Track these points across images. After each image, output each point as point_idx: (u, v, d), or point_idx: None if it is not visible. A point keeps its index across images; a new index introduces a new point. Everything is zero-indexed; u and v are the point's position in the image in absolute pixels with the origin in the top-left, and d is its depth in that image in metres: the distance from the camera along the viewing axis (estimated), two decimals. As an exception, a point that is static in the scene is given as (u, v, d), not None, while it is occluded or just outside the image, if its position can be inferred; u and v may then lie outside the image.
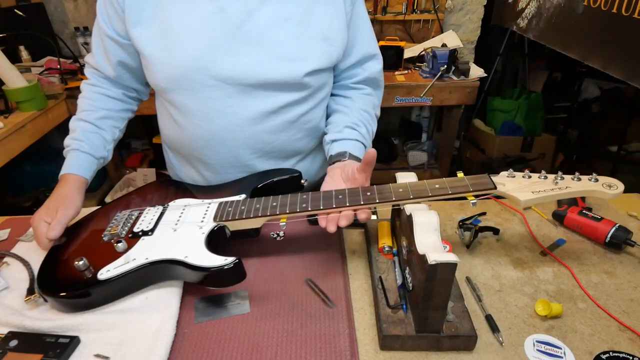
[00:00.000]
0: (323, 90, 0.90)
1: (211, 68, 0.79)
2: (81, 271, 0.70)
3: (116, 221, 0.82)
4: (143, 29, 0.80)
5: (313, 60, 0.82)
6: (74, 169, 0.87)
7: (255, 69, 0.79)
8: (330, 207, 0.71)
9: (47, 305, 0.72)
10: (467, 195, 0.69)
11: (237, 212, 0.76)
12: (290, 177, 0.88)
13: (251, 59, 0.79)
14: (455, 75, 2.08)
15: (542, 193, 0.67)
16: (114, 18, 0.83)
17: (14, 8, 2.19)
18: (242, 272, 0.68)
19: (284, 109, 0.85)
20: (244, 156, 0.89)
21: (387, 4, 2.49)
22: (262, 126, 0.85)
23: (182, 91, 0.82)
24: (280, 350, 0.64)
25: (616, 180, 0.69)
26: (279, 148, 0.91)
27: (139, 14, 0.79)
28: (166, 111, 0.91)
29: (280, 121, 0.86)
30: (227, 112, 0.83)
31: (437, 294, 0.59)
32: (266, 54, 0.79)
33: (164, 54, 0.80)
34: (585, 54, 1.71)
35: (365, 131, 0.93)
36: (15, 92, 1.70)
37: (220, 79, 0.80)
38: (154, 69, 0.82)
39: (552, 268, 0.80)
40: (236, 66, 0.79)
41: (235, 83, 0.80)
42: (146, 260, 0.70)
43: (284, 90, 0.83)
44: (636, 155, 2.81)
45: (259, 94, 0.82)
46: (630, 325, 0.67)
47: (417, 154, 2.65)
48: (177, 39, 0.79)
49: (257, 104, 0.83)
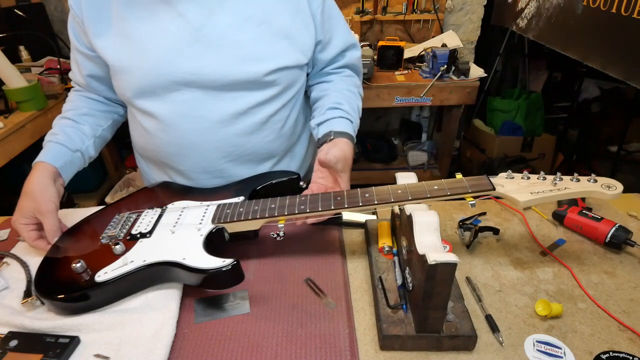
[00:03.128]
0: (292, 88, 0.90)
1: (175, 73, 0.79)
2: (78, 273, 0.70)
3: (114, 223, 0.81)
4: (104, 40, 0.80)
5: (276, 59, 0.82)
6: (43, 157, 0.85)
7: (219, 71, 0.80)
8: (329, 208, 0.71)
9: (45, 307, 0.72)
10: (466, 196, 0.69)
11: (236, 214, 0.76)
12: (289, 179, 0.88)
13: (214, 61, 0.79)
14: (455, 75, 2.08)
15: (541, 194, 0.67)
16: (79, 32, 0.85)
17: (14, 8, 2.19)
18: (240, 274, 0.67)
19: (252, 110, 0.85)
20: (216, 161, 0.89)
21: (387, 4, 2.49)
22: (232, 128, 0.85)
23: (148, 98, 0.83)
24: (280, 350, 0.64)
25: (615, 181, 0.69)
26: (251, 151, 0.90)
27: (97, 26, 0.80)
28: (135, 119, 0.91)
29: (249, 123, 0.86)
30: (194, 115, 0.83)
31: (437, 294, 0.59)
32: (228, 55, 0.80)
33: (126, 63, 0.80)
34: (585, 54, 1.71)
35: (349, 107, 0.91)
36: (15, 92, 1.70)
37: (185, 83, 0.80)
38: (119, 78, 0.83)
39: (552, 268, 0.80)
40: (200, 69, 0.79)
41: (200, 86, 0.80)
42: (144, 263, 0.70)
43: (250, 90, 0.83)
44: (636, 155, 2.81)
45: (225, 96, 0.82)
46: (630, 325, 0.67)
47: (417, 154, 2.65)
48: (139, 47, 0.79)
49: (224, 106, 0.83)
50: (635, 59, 1.42)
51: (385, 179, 2.53)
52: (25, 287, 0.75)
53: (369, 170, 2.63)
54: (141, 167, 1.06)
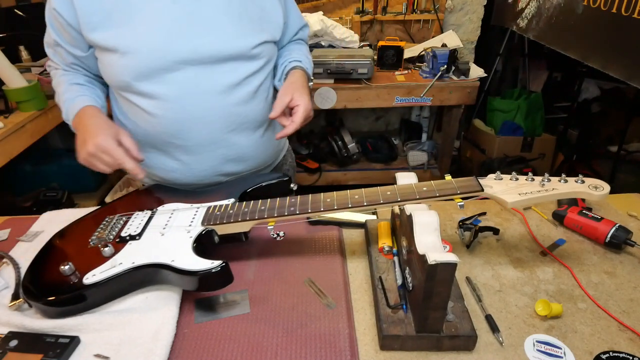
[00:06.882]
0: (272, 61, 1.02)
1: (176, 53, 0.86)
2: (67, 276, 0.70)
3: (104, 226, 0.81)
4: (103, 32, 0.85)
5: (258, 34, 0.94)
6: (90, 102, 0.91)
7: (214, 47, 0.89)
8: (318, 210, 0.72)
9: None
10: (455, 197, 0.69)
11: (225, 216, 0.76)
12: (279, 181, 0.89)
13: (208, 40, 0.88)
14: (455, 75, 2.08)
15: (529, 195, 0.68)
16: (60, 30, 0.89)
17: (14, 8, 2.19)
18: (230, 276, 0.67)
19: (245, 81, 0.94)
20: (219, 131, 0.95)
21: (387, 4, 2.49)
22: (231, 98, 0.93)
23: (151, 80, 0.87)
24: (280, 350, 0.64)
25: (602, 181, 0.70)
26: (248, 119, 0.97)
27: (93, 19, 0.85)
28: (132, 106, 0.93)
29: (244, 92, 0.94)
30: (196, 91, 0.90)
31: (437, 294, 0.59)
32: (220, 33, 0.90)
33: (127, 48, 0.85)
34: (585, 54, 1.71)
35: (301, 53, 1.07)
36: (15, 92, 1.70)
37: (185, 62, 0.87)
38: (119, 64, 0.86)
39: (552, 268, 0.80)
40: (197, 48, 0.87)
41: (199, 63, 0.88)
42: (132, 265, 0.70)
43: (241, 61, 0.93)
44: (636, 155, 2.81)
45: (221, 69, 0.91)
46: (630, 325, 0.67)
47: (417, 154, 2.65)
48: (139, 34, 0.85)
49: (221, 79, 0.91)
50: (636, 58, 1.42)
51: (385, 179, 2.52)
52: (14, 290, 0.75)
53: (369, 170, 2.63)
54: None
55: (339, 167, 2.63)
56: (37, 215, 1.00)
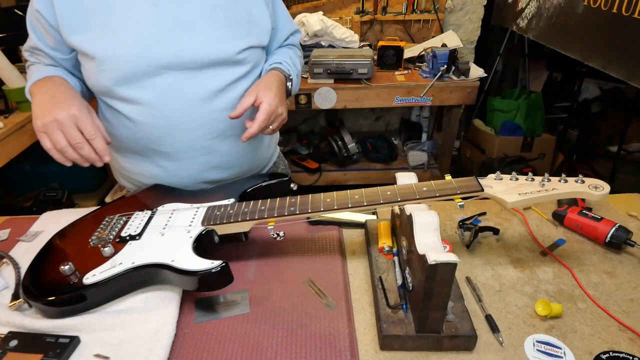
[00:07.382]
0: (258, 67, 1.00)
1: (158, 58, 0.84)
2: (67, 276, 0.70)
3: (104, 226, 0.81)
4: (82, 35, 0.83)
5: (243, 39, 0.92)
6: (63, 75, 0.86)
7: (197, 52, 0.87)
8: (318, 210, 0.72)
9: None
10: (455, 197, 0.70)
11: (225, 216, 0.76)
12: (279, 181, 0.89)
13: (191, 44, 0.86)
14: (455, 75, 2.08)
15: (529, 195, 0.68)
16: (42, 32, 0.87)
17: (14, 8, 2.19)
18: (230, 276, 0.68)
19: (230, 87, 0.92)
20: (202, 138, 0.93)
21: (387, 4, 2.49)
22: (214, 105, 0.91)
23: (132, 85, 0.86)
24: (280, 350, 0.64)
25: (602, 181, 0.70)
26: (233, 126, 0.95)
27: (72, 22, 0.82)
28: (113, 112, 0.91)
29: (228, 99, 0.92)
30: (179, 96, 0.88)
31: (437, 294, 0.59)
32: (203, 38, 0.87)
33: (108, 53, 0.83)
34: (585, 54, 1.71)
35: (286, 55, 1.04)
36: (15, 92, 1.70)
37: (167, 66, 0.85)
38: (100, 68, 0.84)
39: (552, 268, 0.80)
40: (180, 52, 0.85)
41: (181, 68, 0.86)
42: (132, 265, 0.70)
43: (225, 66, 0.91)
44: (636, 155, 2.81)
45: (204, 75, 0.89)
46: (630, 325, 0.67)
47: (417, 154, 2.65)
48: (120, 37, 0.83)
49: (205, 85, 0.89)
50: (636, 58, 1.42)
51: (385, 179, 2.52)
52: (14, 290, 0.75)
53: (369, 170, 2.63)
54: (119, 166, 1.05)
55: (339, 167, 2.63)
56: (37, 215, 1.00)
